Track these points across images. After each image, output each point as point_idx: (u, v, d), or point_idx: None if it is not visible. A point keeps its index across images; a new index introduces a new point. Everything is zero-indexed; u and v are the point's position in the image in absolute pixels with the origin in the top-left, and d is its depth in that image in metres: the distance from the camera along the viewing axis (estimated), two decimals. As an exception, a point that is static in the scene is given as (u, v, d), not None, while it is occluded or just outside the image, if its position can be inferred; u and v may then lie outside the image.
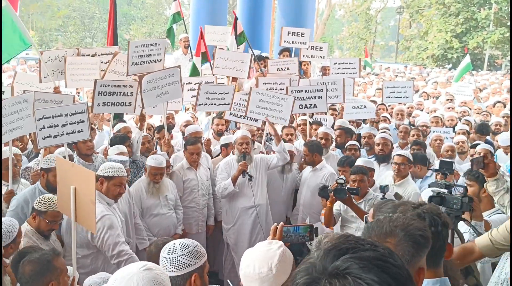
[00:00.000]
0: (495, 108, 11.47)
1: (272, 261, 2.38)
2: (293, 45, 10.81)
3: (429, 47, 34.72)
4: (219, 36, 10.81)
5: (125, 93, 6.62)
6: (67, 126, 5.13)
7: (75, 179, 3.67)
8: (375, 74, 23.23)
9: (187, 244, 2.79)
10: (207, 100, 7.25)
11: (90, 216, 3.62)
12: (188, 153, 6.27)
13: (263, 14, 15.32)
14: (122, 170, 4.72)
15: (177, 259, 2.71)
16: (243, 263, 2.43)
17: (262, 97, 7.06)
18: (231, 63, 8.50)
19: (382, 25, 46.53)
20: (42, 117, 4.94)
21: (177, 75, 6.94)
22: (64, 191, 3.81)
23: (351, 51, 41.12)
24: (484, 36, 32.75)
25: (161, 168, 5.70)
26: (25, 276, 3.23)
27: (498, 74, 24.40)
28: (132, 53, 7.00)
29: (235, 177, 6.07)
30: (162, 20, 45.61)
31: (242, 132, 6.37)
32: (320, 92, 7.68)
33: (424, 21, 36.86)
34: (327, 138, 7.08)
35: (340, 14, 51.36)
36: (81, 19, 45.78)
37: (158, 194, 5.79)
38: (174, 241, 2.85)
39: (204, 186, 6.42)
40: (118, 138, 6.39)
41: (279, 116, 7.01)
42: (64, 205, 3.90)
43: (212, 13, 14.18)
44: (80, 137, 5.37)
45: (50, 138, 5.03)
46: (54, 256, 3.32)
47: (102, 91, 6.39)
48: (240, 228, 6.26)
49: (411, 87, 9.23)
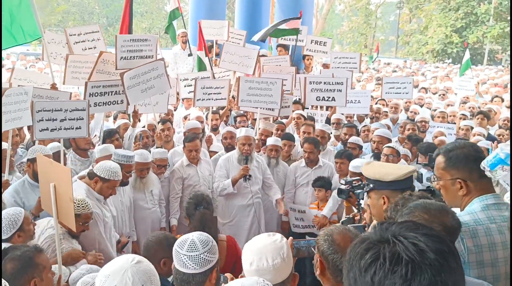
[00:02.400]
0: (494, 102, 11.50)
1: (283, 251, 2.45)
2: (290, 42, 10.80)
3: (429, 41, 34.69)
4: (216, 30, 10.78)
5: (117, 92, 6.57)
6: (66, 121, 5.14)
7: (54, 176, 3.63)
8: (375, 69, 23.22)
9: (205, 240, 2.75)
10: (205, 95, 7.25)
11: (69, 213, 3.58)
12: (187, 150, 6.24)
13: (262, 10, 15.28)
14: (119, 174, 4.71)
15: (200, 256, 2.68)
16: (252, 258, 2.44)
17: (251, 84, 7.13)
18: (238, 58, 8.47)
19: (382, 20, 46.45)
20: (42, 109, 4.95)
21: (161, 68, 6.90)
22: (45, 189, 3.77)
23: (351, 45, 41.09)
24: (484, 30, 32.71)
25: (146, 164, 5.72)
26: (6, 273, 3.12)
27: (498, 69, 24.38)
28: (121, 47, 6.97)
29: (235, 180, 6.01)
30: (162, 15, 45.52)
31: (245, 132, 6.23)
32: (340, 85, 7.66)
33: (424, 16, 36.81)
34: (323, 136, 6.98)
35: (340, 8, 51.21)
36: (81, 15, 45.71)
37: (144, 189, 5.82)
38: (189, 236, 2.76)
39: (206, 181, 6.35)
40: (107, 132, 6.44)
41: (270, 101, 7.10)
42: (46, 203, 3.84)
43: (211, 8, 14.13)
44: (77, 134, 5.39)
45: (47, 131, 5.05)
46: (36, 253, 3.25)
47: (94, 92, 6.36)
48: (238, 225, 6.23)
49: (411, 83, 9.20)
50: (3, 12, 6.24)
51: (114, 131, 6.55)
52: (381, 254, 1.24)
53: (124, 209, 5.49)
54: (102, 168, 4.63)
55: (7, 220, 3.71)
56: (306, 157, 6.35)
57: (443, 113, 9.28)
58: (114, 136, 6.40)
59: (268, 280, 2.26)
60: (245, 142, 6.08)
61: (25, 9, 6.41)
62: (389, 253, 1.23)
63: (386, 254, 1.23)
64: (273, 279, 2.38)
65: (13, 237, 3.71)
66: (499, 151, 2.87)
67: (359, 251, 1.30)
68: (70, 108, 5.16)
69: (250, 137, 6.15)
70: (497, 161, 2.83)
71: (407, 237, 1.25)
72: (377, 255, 1.24)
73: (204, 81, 7.45)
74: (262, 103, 7.16)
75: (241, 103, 7.23)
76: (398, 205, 2.66)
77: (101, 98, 6.43)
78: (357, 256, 1.30)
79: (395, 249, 1.23)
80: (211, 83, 7.43)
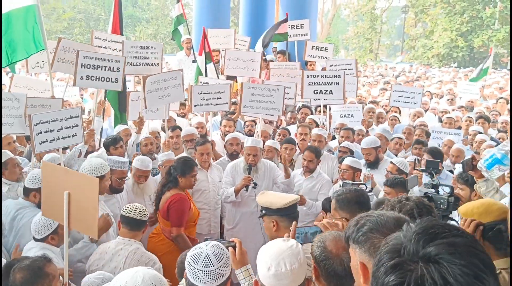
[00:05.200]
0: (498, 104, 11.51)
1: (300, 256, 2.50)
2: (295, 38, 10.81)
3: (435, 46, 34.61)
4: (222, 39, 10.85)
5: (111, 68, 6.57)
6: (63, 131, 5.18)
7: (70, 184, 3.62)
8: (380, 74, 23.20)
9: (220, 254, 2.71)
10: (203, 101, 7.26)
11: (91, 222, 3.57)
12: (198, 154, 6.19)
13: (267, 15, 15.33)
14: (105, 166, 4.82)
15: (215, 271, 2.66)
16: (270, 263, 2.47)
17: (253, 91, 7.15)
18: (241, 63, 8.49)
19: (387, 25, 46.38)
20: (39, 122, 4.97)
21: (179, 78, 7.02)
22: (52, 196, 3.76)
23: (357, 50, 41.00)
24: (490, 34, 32.61)
25: (146, 171, 5.75)
26: (15, 283, 3.14)
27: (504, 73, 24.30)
28: (127, 53, 7.05)
29: (237, 189, 5.96)
30: (167, 21, 45.63)
31: (251, 142, 6.13)
32: (337, 78, 7.64)
33: (430, 20, 36.76)
34: (320, 140, 6.94)
35: (345, 14, 51.24)
36: (87, 21, 45.89)
37: (143, 194, 5.84)
38: (203, 249, 2.72)
39: (216, 187, 6.31)
40: (111, 139, 6.45)
41: (272, 107, 7.13)
42: (51, 210, 3.83)
43: (215, 14, 14.19)
44: (74, 141, 5.43)
45: (47, 142, 5.08)
46: (45, 263, 3.27)
47: (86, 64, 6.34)
48: (241, 232, 6.14)
49: (420, 94, 9.15)
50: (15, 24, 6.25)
51: (119, 138, 6.55)
52: (406, 281, 1.21)
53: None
54: (87, 167, 4.72)
55: (44, 221, 3.96)
56: (305, 165, 6.27)
57: (451, 119, 9.20)
58: (119, 143, 6.43)
59: (285, 285, 2.38)
60: (250, 152, 6.03)
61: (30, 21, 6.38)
62: (414, 281, 1.19)
63: (411, 281, 1.20)
64: (290, 284, 2.44)
65: (46, 238, 3.99)
66: (495, 151, 2.88)
67: (386, 266, 1.26)
68: (65, 117, 5.20)
69: (257, 148, 6.06)
70: (494, 161, 2.84)
71: (441, 263, 1.20)
72: (402, 280, 1.21)
73: (201, 87, 7.49)
74: (264, 110, 7.18)
75: (244, 109, 7.24)
76: (394, 208, 2.65)
77: (93, 71, 6.42)
78: (382, 268, 1.27)
79: (423, 278, 1.19)
80: (209, 88, 7.43)
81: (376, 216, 1.93)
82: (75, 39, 43.97)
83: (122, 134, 6.99)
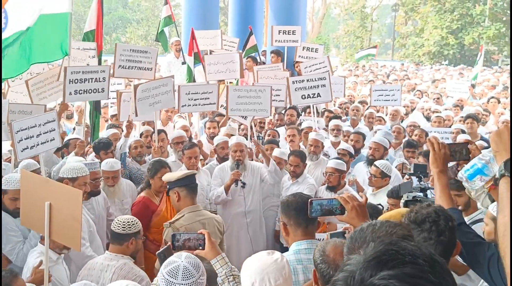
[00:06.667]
0: (489, 103, 11.47)
1: (284, 271, 2.47)
2: (285, 43, 10.78)
3: (425, 44, 34.68)
4: (209, 40, 10.77)
5: (97, 79, 6.58)
6: (41, 136, 5.17)
7: (52, 195, 3.58)
8: (372, 72, 23.21)
9: (196, 263, 2.70)
10: (190, 101, 7.23)
11: (73, 233, 3.53)
12: (186, 158, 6.17)
13: (256, 15, 15.30)
14: (85, 170, 4.87)
15: (196, 282, 2.65)
16: (254, 278, 2.44)
17: (239, 93, 7.12)
18: (222, 65, 8.44)
19: (378, 23, 46.45)
20: (20, 129, 4.94)
21: (170, 84, 7.01)
22: (31, 206, 3.71)
23: (348, 49, 41.02)
24: (480, 31, 32.70)
25: (111, 172, 5.73)
26: None
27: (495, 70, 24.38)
28: (120, 56, 7.04)
29: (227, 186, 6.02)
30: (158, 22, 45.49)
31: (236, 139, 6.28)
32: (323, 80, 7.57)
33: (420, 18, 36.82)
34: (317, 145, 6.87)
35: (335, 12, 51.31)
36: (77, 23, 45.61)
37: (114, 198, 5.84)
38: (179, 263, 2.69)
39: (204, 191, 6.31)
40: (103, 144, 6.40)
41: (260, 108, 7.09)
42: (31, 220, 3.78)
43: (204, 15, 14.13)
44: (52, 145, 5.42)
45: (28, 149, 5.05)
46: (12, 278, 3.21)
47: (73, 79, 6.34)
48: (233, 234, 6.20)
49: (399, 91, 9.22)
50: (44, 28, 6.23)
51: (110, 143, 6.52)
52: None
53: (97, 219, 5.44)
54: (67, 170, 4.81)
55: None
56: (291, 170, 6.25)
57: (440, 117, 9.16)
58: (110, 148, 6.40)
59: None
60: (237, 148, 6.14)
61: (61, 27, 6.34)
62: None
63: None
64: None
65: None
66: (476, 161, 2.78)
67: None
68: (43, 122, 5.18)
69: (242, 144, 6.18)
70: (475, 171, 2.74)
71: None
72: None
73: (188, 87, 7.45)
74: (252, 111, 7.14)
75: (231, 112, 7.20)
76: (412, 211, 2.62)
77: (81, 85, 6.43)
78: None
79: None
80: (197, 88, 7.39)
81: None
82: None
83: (111, 138, 6.90)
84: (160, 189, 5.50)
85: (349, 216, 2.72)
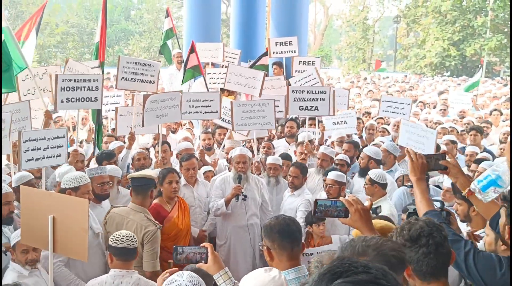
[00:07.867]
0: (492, 116, 11.41)
1: None
2: (282, 55, 10.77)
3: (427, 55, 34.72)
4: (211, 52, 10.77)
5: (90, 88, 6.58)
6: (48, 150, 5.14)
7: (55, 208, 3.54)
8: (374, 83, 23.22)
9: (198, 282, 2.70)
10: (191, 108, 7.23)
11: (79, 244, 3.50)
12: (184, 170, 6.19)
13: (258, 27, 15.34)
14: (86, 178, 4.85)
15: None
16: None
17: (244, 108, 7.12)
18: (243, 79, 8.31)
19: (380, 35, 46.60)
20: (28, 139, 4.93)
21: (178, 99, 7.01)
22: (32, 221, 3.67)
23: (350, 61, 41.08)
24: (482, 43, 32.74)
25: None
26: None
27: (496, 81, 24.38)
28: (122, 68, 7.06)
29: (228, 200, 5.93)
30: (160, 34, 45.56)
31: (240, 150, 6.22)
32: (323, 94, 7.53)
33: (421, 30, 36.89)
34: (325, 159, 6.85)
35: (337, 24, 51.47)
36: (80, 35, 45.93)
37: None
38: (181, 281, 2.69)
39: (202, 203, 6.30)
40: (106, 154, 6.45)
41: (264, 122, 7.15)
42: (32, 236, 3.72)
43: (205, 28, 14.15)
44: (58, 162, 5.39)
45: (32, 161, 5.03)
46: None
47: (65, 87, 6.33)
48: (232, 247, 6.13)
49: (409, 105, 9.10)
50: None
51: (113, 154, 6.58)
52: None
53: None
54: (68, 180, 4.77)
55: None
56: (290, 181, 6.21)
57: (444, 129, 9.13)
58: (113, 159, 6.45)
59: None
60: (239, 160, 6.07)
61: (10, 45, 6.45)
62: None
63: None
64: None
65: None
66: (490, 172, 2.77)
67: None
68: (52, 136, 5.15)
69: (245, 155, 6.12)
70: (488, 183, 2.73)
71: None
72: None
73: (190, 94, 7.46)
74: (257, 125, 7.16)
75: (237, 127, 7.18)
76: (403, 229, 2.60)
77: (73, 93, 6.42)
78: None
79: None
80: (198, 96, 7.40)
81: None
82: (68, 53, 44.07)
83: (116, 151, 6.97)
84: (171, 195, 5.50)
85: (352, 219, 2.73)
